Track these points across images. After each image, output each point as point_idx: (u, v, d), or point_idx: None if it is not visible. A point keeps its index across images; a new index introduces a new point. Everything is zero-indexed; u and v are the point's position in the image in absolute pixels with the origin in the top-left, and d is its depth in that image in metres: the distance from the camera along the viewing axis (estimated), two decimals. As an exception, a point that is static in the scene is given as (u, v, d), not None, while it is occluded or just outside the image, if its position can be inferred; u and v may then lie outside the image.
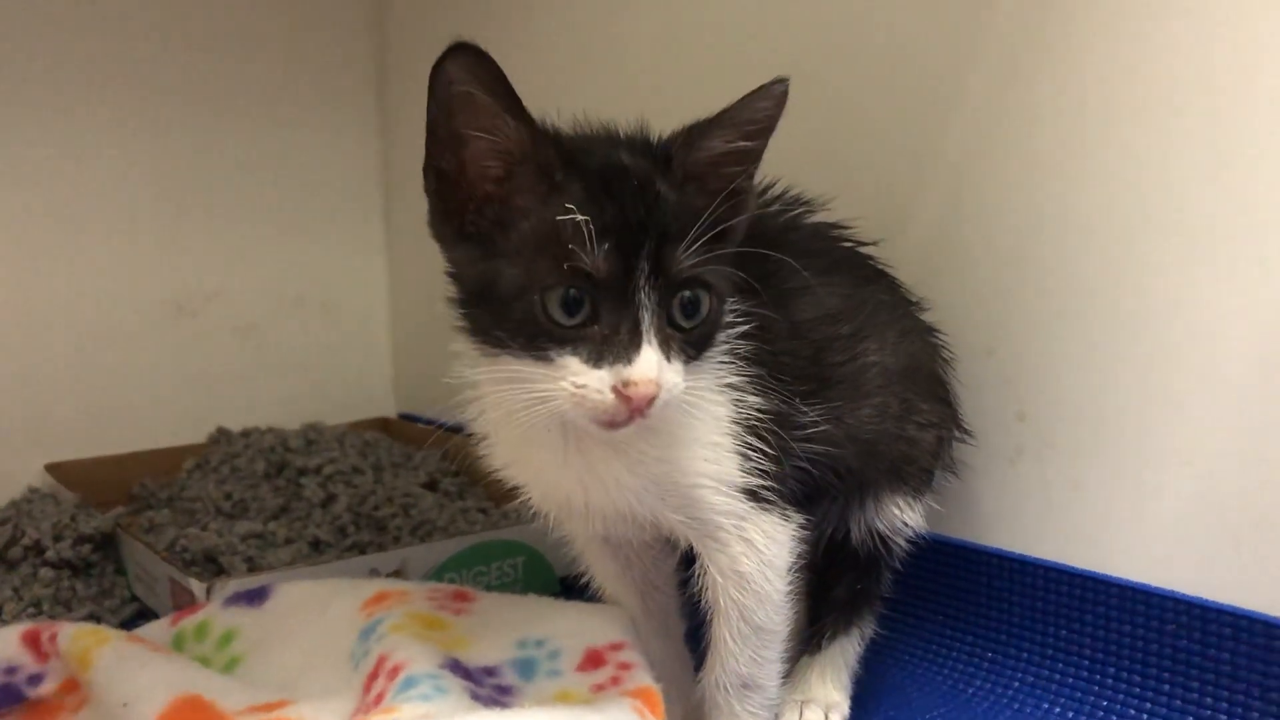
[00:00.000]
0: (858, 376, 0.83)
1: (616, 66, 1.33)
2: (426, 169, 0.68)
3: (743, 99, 0.67)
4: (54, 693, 0.82)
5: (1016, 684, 0.93)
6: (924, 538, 0.90)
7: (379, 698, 0.70)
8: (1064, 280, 0.91)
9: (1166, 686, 0.85)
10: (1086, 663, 0.90)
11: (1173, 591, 0.85)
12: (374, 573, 1.02)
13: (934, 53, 0.98)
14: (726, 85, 0.71)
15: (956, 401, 0.94)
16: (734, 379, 0.72)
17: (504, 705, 0.73)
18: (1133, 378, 0.87)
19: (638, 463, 0.71)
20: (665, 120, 0.73)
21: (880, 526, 0.88)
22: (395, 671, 0.71)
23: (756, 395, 0.73)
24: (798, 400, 0.76)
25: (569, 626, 0.81)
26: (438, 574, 1.06)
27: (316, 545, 1.20)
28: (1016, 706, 0.91)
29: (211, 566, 1.13)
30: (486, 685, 0.74)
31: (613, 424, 0.64)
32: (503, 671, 0.77)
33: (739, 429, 0.73)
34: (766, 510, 0.74)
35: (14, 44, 1.42)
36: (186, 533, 1.19)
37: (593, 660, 0.78)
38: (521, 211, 0.65)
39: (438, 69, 0.65)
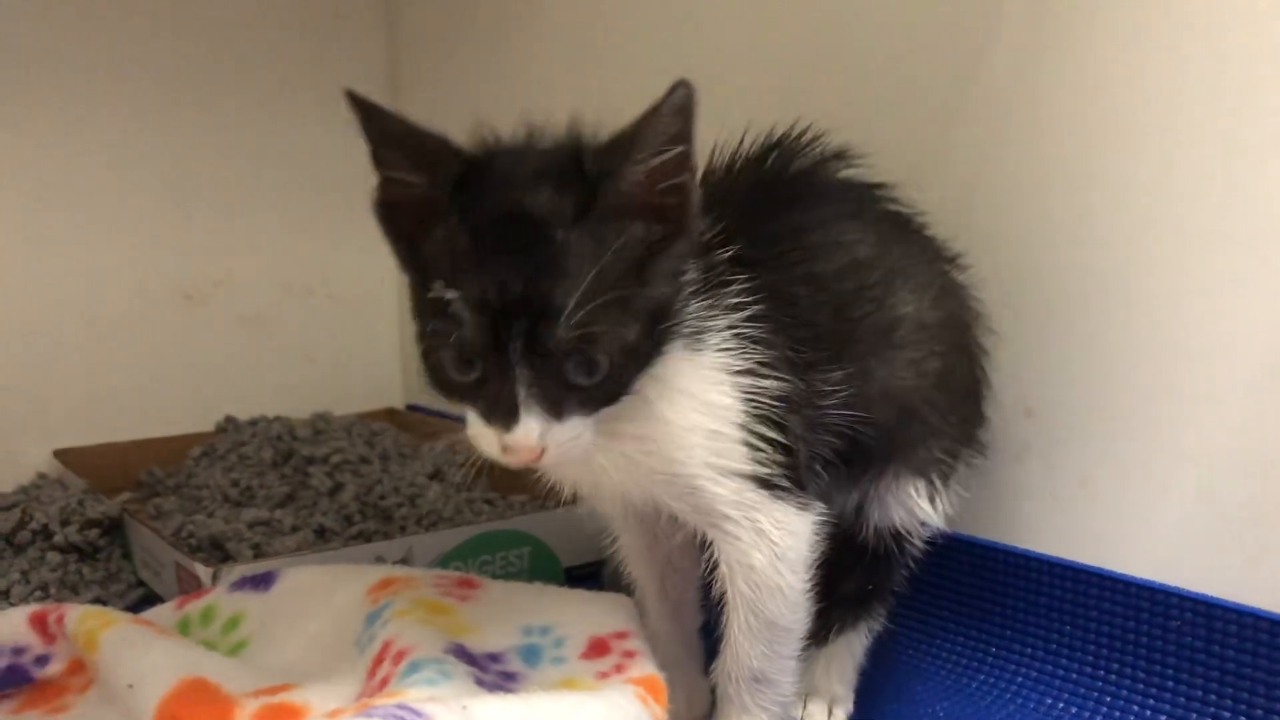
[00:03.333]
0: (890, 329, 0.79)
1: (629, 54, 1.34)
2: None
3: (648, 116, 0.62)
4: (61, 674, 0.82)
5: (1020, 679, 0.93)
6: (940, 536, 0.90)
7: (384, 682, 0.70)
8: (1072, 276, 0.91)
9: (1171, 684, 0.85)
10: (1091, 659, 0.90)
11: (1179, 588, 0.85)
12: (380, 561, 1.02)
13: (942, 55, 0.98)
14: (739, 65, 0.71)
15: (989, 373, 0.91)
16: (739, 363, 0.70)
17: (509, 691, 0.73)
18: (1141, 374, 0.87)
19: (636, 453, 0.69)
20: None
21: (896, 521, 0.85)
22: (400, 656, 0.72)
23: (768, 379, 0.70)
24: (819, 366, 0.73)
25: (573, 614, 0.81)
26: (443, 563, 1.06)
27: (323, 533, 1.21)
28: (1020, 702, 0.91)
29: (218, 553, 1.14)
30: (491, 671, 0.75)
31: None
32: (508, 658, 0.77)
33: (747, 416, 0.70)
34: (780, 499, 0.71)
35: (22, 33, 1.42)
36: (193, 519, 1.20)
37: (597, 648, 0.78)
38: (428, 258, 0.64)
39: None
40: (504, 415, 0.62)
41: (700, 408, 0.69)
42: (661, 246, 0.64)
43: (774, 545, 0.72)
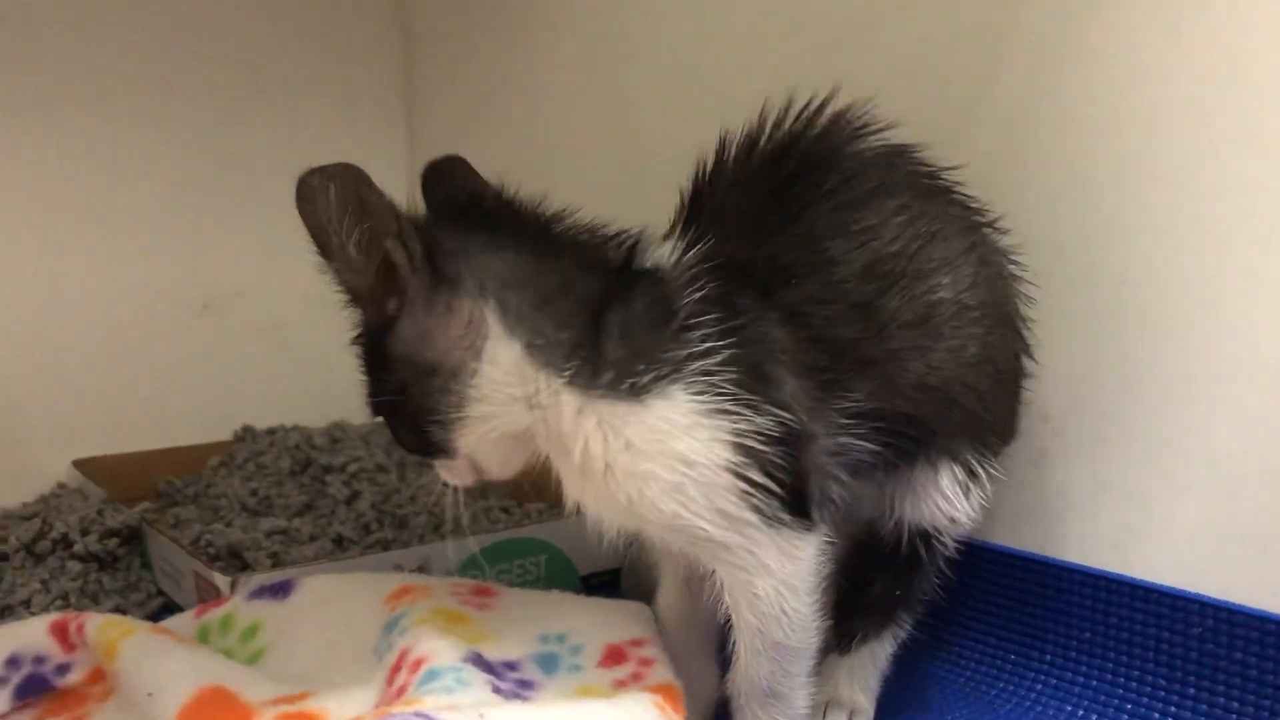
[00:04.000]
0: (924, 319, 0.74)
1: (643, 60, 1.34)
2: None
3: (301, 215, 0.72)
4: (81, 682, 0.83)
5: (1040, 687, 0.93)
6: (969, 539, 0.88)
7: (401, 690, 0.70)
8: (1090, 282, 0.90)
9: (1192, 690, 0.85)
10: (1111, 665, 0.89)
11: (1198, 594, 0.84)
12: (397, 569, 1.03)
13: (960, 57, 0.98)
14: (762, 75, 0.71)
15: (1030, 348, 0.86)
16: (716, 406, 0.66)
17: (526, 699, 0.73)
18: (1159, 380, 0.87)
19: (626, 498, 0.68)
20: (699, 112, 0.73)
21: (926, 518, 0.81)
22: (418, 664, 0.72)
23: (755, 418, 0.66)
24: (844, 383, 0.70)
25: (590, 622, 0.81)
26: (461, 571, 1.06)
27: (340, 542, 1.21)
28: (1039, 710, 0.91)
29: (236, 562, 1.14)
30: (509, 679, 0.75)
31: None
32: (525, 666, 0.77)
33: (737, 458, 0.66)
34: (780, 529, 0.68)
35: (40, 41, 1.43)
36: (212, 528, 1.20)
37: (614, 656, 0.78)
38: None
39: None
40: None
41: (678, 460, 0.66)
42: (392, 319, 0.70)
43: (774, 575, 0.70)
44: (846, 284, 0.72)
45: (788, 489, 0.68)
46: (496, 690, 0.71)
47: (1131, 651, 0.88)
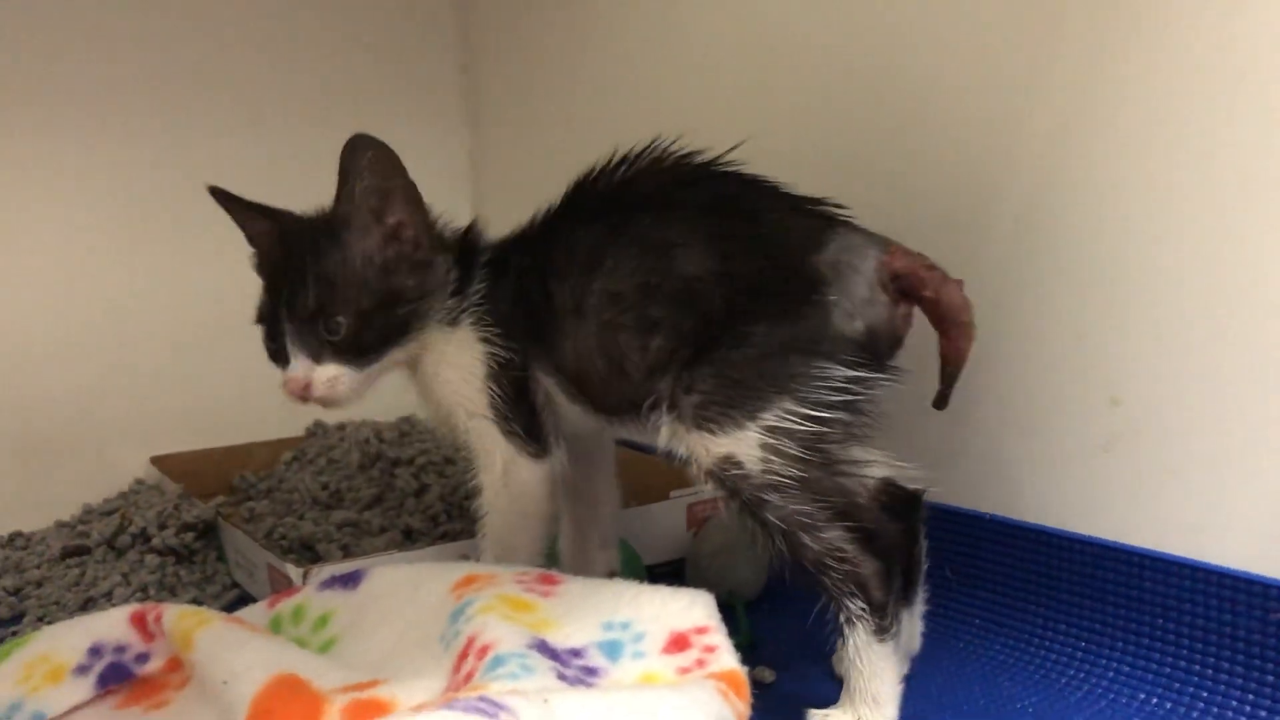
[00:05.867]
0: (577, 306, 0.90)
1: (702, 65, 1.34)
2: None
3: (341, 158, 0.90)
4: (160, 671, 0.85)
5: (1111, 674, 0.91)
6: (1006, 523, 0.87)
7: (468, 676, 0.71)
8: (1158, 262, 0.89)
9: (1271, 678, 0.83)
10: (1185, 653, 0.88)
11: (1273, 579, 0.82)
12: (464, 559, 1.04)
13: (1017, 42, 0.97)
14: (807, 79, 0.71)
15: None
16: (483, 334, 0.94)
17: (590, 685, 0.73)
18: (1230, 360, 0.85)
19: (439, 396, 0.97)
20: (747, 113, 0.73)
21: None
22: (484, 651, 0.72)
23: (500, 345, 0.94)
24: (543, 344, 0.93)
25: (653, 610, 0.81)
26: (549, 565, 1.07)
27: (409, 534, 1.23)
28: (1111, 697, 0.89)
29: (308, 554, 1.17)
30: (573, 666, 0.75)
31: (318, 403, 0.93)
32: (589, 653, 0.77)
33: (485, 369, 0.95)
34: (510, 438, 0.94)
35: (120, 55, 1.47)
36: (284, 521, 1.23)
37: (677, 643, 0.78)
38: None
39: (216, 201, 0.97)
40: (283, 360, 0.93)
41: (455, 365, 0.95)
42: (400, 256, 0.93)
43: (497, 475, 0.96)
44: (540, 277, 0.93)
45: (514, 404, 0.94)
46: (561, 677, 0.72)
47: (1206, 638, 0.87)
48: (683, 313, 0.84)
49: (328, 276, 0.91)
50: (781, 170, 0.88)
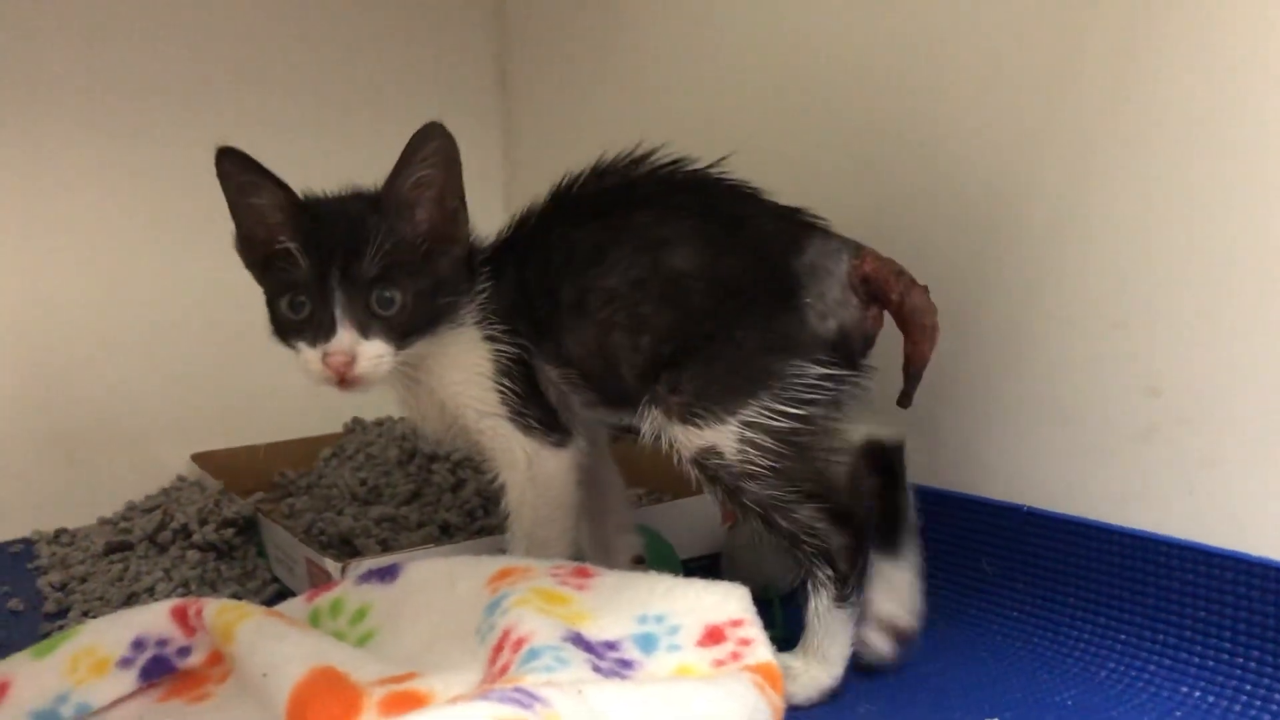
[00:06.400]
0: (579, 301, 0.92)
1: (736, 58, 1.34)
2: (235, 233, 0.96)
3: (410, 141, 0.90)
4: (202, 664, 0.86)
5: (1153, 667, 0.90)
6: (1044, 515, 0.87)
7: (504, 669, 0.72)
8: (1199, 248, 0.88)
9: (1315, 670, 0.82)
10: (1228, 645, 0.87)
11: (1319, 570, 0.81)
12: (501, 554, 1.04)
13: (1054, 24, 0.96)
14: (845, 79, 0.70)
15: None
16: (490, 332, 0.95)
17: (625, 678, 0.74)
18: (1271, 349, 0.84)
19: (437, 402, 0.97)
20: (793, 96, 0.73)
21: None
22: (520, 644, 0.73)
23: (508, 341, 0.95)
24: (547, 337, 0.95)
25: (688, 603, 0.81)
26: (563, 555, 1.08)
27: (446, 529, 1.24)
28: (1153, 690, 0.88)
29: (347, 549, 1.18)
30: (608, 658, 0.75)
31: (340, 385, 0.90)
32: (623, 645, 0.77)
33: (495, 367, 0.96)
34: (529, 432, 0.96)
35: (160, 53, 1.49)
36: (323, 517, 1.24)
37: (712, 636, 0.78)
38: (277, 245, 0.91)
39: (217, 166, 0.94)
40: (327, 329, 0.88)
41: (462, 367, 0.95)
42: (442, 245, 0.93)
43: (522, 471, 0.96)
44: (548, 273, 0.94)
45: (528, 398, 0.95)
46: (596, 669, 0.72)
47: (1250, 630, 0.85)
48: (670, 309, 0.88)
49: (386, 250, 0.89)
50: (818, 171, 0.88)
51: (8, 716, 0.78)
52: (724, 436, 0.85)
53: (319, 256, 0.89)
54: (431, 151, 0.90)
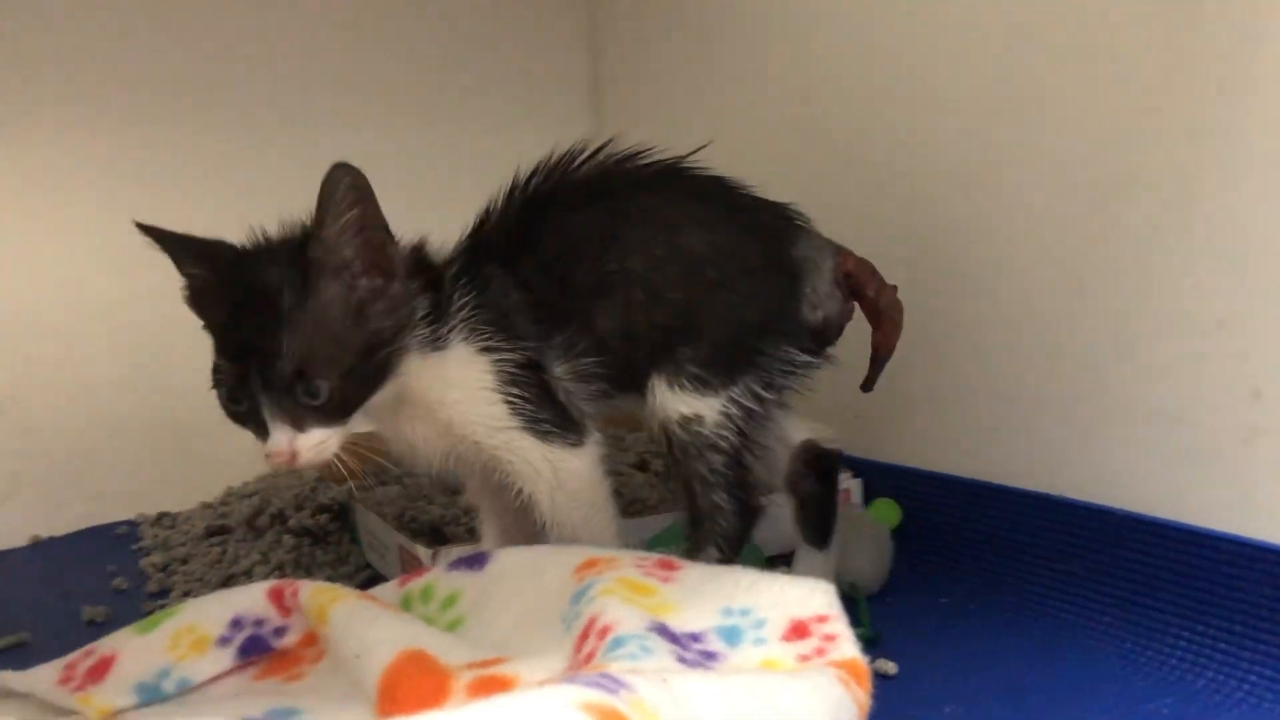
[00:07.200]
0: (601, 283, 0.95)
1: (828, 60, 1.33)
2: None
3: (321, 189, 0.86)
4: (297, 644, 0.88)
5: (1254, 678, 0.87)
6: (1140, 519, 0.85)
7: (589, 656, 0.72)
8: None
9: None
10: (1333, 657, 0.84)
11: None
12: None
13: (1160, 18, 0.94)
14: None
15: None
16: (486, 344, 0.93)
17: (709, 670, 0.74)
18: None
19: (435, 430, 0.96)
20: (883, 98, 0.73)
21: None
22: (605, 632, 0.73)
23: (508, 348, 0.94)
24: (559, 329, 0.95)
25: (773, 598, 0.81)
26: (649, 548, 1.08)
27: (534, 520, 1.25)
28: (1254, 702, 0.86)
29: (437, 536, 1.20)
30: (692, 650, 0.75)
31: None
32: (708, 638, 0.77)
33: (499, 378, 0.94)
34: (546, 438, 0.94)
35: (225, 51, 1.53)
36: (415, 505, 1.26)
37: (797, 631, 0.78)
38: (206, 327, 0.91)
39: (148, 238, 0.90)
40: (261, 429, 0.86)
41: (462, 385, 0.93)
42: (375, 294, 0.88)
43: (546, 479, 0.96)
44: (551, 262, 0.95)
45: (540, 403, 0.93)
46: (680, 659, 0.72)
47: (1357, 642, 0.83)
48: (689, 287, 0.94)
49: (303, 335, 0.85)
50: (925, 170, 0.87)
51: (113, 688, 0.81)
52: (711, 407, 0.94)
53: (237, 358, 0.86)
54: (344, 192, 0.86)
